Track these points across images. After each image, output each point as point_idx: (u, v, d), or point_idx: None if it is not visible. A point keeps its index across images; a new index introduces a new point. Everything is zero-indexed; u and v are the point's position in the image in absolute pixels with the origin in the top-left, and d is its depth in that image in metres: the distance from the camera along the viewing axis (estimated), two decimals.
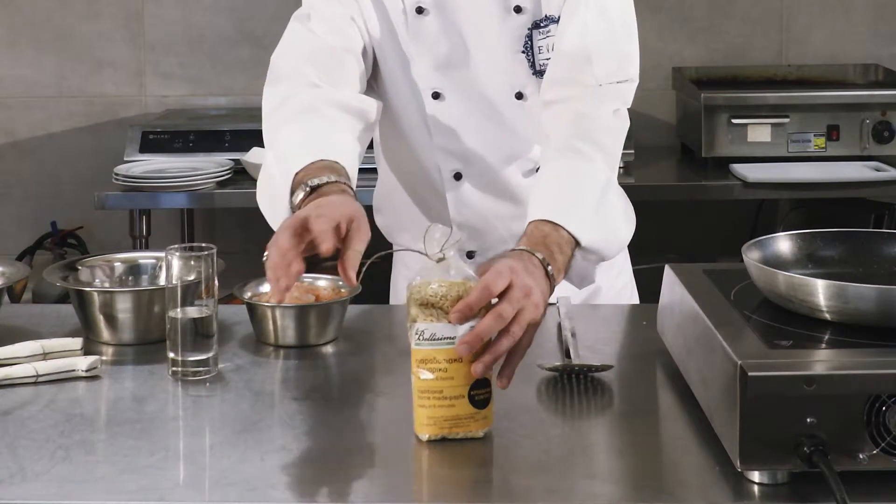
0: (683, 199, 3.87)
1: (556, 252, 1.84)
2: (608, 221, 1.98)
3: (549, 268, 1.80)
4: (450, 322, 1.60)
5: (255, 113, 4.22)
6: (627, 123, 2.13)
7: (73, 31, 4.30)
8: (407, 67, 2.17)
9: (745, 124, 3.75)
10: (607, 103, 2.09)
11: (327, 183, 1.86)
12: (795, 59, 4.32)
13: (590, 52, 2.09)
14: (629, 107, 2.14)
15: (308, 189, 1.86)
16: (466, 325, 1.60)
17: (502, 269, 1.68)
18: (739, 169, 3.68)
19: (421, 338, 1.60)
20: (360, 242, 1.73)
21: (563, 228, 1.88)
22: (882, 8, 4.33)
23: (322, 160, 1.92)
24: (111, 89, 4.33)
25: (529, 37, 2.14)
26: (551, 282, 1.79)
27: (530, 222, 1.90)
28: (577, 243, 1.90)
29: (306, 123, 2.03)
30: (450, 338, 1.59)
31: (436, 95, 2.17)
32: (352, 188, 1.90)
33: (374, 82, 2.22)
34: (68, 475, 1.53)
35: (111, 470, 1.55)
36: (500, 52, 2.15)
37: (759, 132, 3.76)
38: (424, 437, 1.62)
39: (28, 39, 4.30)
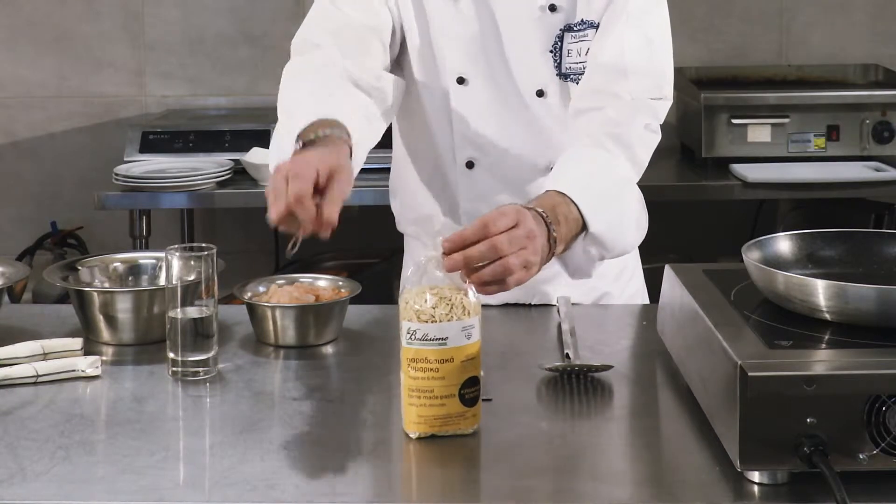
0: (683, 199, 3.87)
1: (562, 222, 1.86)
2: (620, 218, 1.99)
3: (553, 230, 1.81)
4: (444, 269, 1.63)
5: (255, 113, 4.26)
6: (658, 137, 2.13)
7: (73, 31, 4.30)
8: (434, 51, 2.17)
9: (745, 124, 3.75)
10: (640, 117, 2.10)
11: (320, 138, 1.84)
12: (795, 59, 4.32)
13: (627, 67, 2.09)
14: (661, 123, 2.14)
15: (300, 145, 1.84)
16: (458, 326, 1.60)
17: (508, 211, 1.73)
18: (739, 169, 3.68)
19: (413, 337, 1.60)
20: (337, 192, 1.72)
21: (575, 205, 1.89)
22: (882, 8, 4.33)
23: (322, 119, 1.89)
24: (111, 89, 4.33)
25: (560, 38, 2.14)
26: (551, 247, 1.81)
27: (544, 192, 1.90)
28: (585, 227, 1.90)
29: (315, 80, 2.03)
30: (441, 339, 1.59)
31: (461, 80, 2.17)
32: (348, 142, 1.86)
33: (397, 64, 2.22)
34: (68, 475, 1.53)
35: (111, 470, 1.55)
36: (529, 47, 2.15)
37: (759, 132, 3.76)
38: (414, 434, 1.63)
39: (28, 39, 4.30)
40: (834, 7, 4.32)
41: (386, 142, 2.36)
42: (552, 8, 2.13)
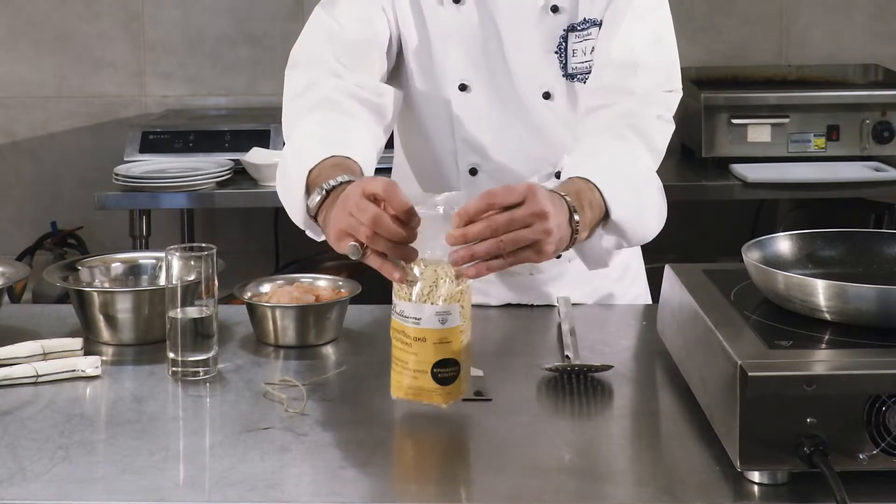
0: (683, 199, 3.87)
1: (586, 207, 1.83)
2: (642, 206, 1.97)
3: (576, 216, 1.79)
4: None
5: (255, 113, 4.26)
6: (672, 127, 2.12)
7: (73, 31, 4.30)
8: (435, 57, 2.16)
9: (745, 124, 3.75)
10: (653, 108, 2.09)
11: (341, 184, 1.84)
12: (795, 59, 4.32)
13: (637, 62, 2.09)
14: (672, 114, 2.13)
15: (324, 193, 1.84)
16: (432, 310, 1.63)
17: (518, 187, 1.69)
18: (739, 169, 3.68)
19: (394, 310, 1.68)
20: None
21: (599, 191, 1.88)
22: (882, 8, 4.33)
23: (335, 157, 1.91)
24: (111, 89, 4.33)
25: (564, 38, 2.13)
26: (574, 231, 1.78)
27: (567, 178, 1.89)
28: (607, 214, 1.90)
29: (323, 117, 2.03)
30: (416, 318, 1.65)
31: (463, 87, 2.16)
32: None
33: (396, 72, 2.21)
34: (68, 475, 1.53)
35: (111, 470, 1.55)
36: (533, 49, 2.14)
37: (759, 132, 3.76)
38: (394, 397, 1.70)
39: (28, 39, 4.30)
40: (834, 7, 4.32)
41: (388, 142, 2.36)
42: (554, 9, 2.13)
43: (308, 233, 1.98)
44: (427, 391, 1.66)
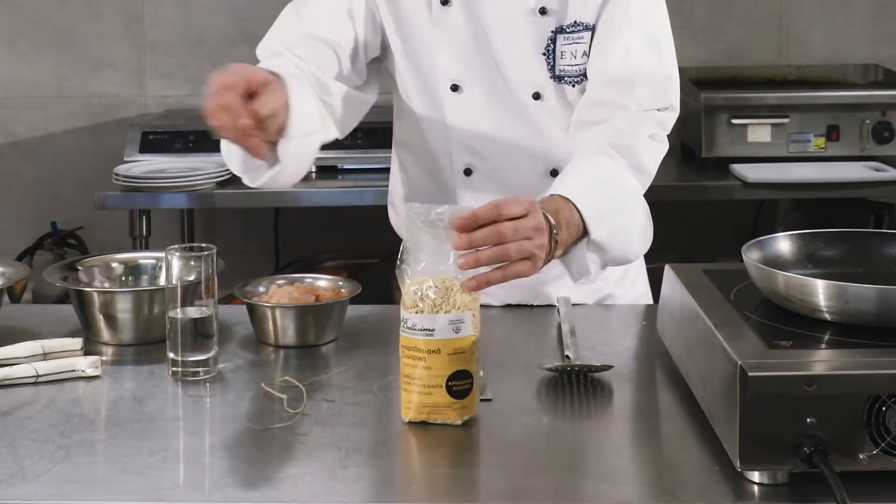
0: (683, 199, 3.87)
1: (563, 227, 1.86)
2: (624, 227, 1.98)
3: (555, 232, 1.81)
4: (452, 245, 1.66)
5: None
6: (665, 147, 2.12)
7: (73, 31, 4.30)
8: (427, 59, 2.17)
9: (745, 124, 3.75)
10: (646, 126, 2.09)
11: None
12: (795, 59, 4.31)
13: (633, 77, 2.09)
14: (668, 133, 2.13)
15: None
16: (445, 319, 1.61)
17: (522, 199, 1.74)
18: (739, 169, 3.68)
19: (404, 326, 1.65)
20: (267, 101, 1.83)
21: (578, 211, 1.89)
22: (882, 8, 4.33)
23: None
24: (111, 89, 4.33)
25: (552, 40, 2.13)
26: (551, 249, 1.81)
27: (549, 195, 1.91)
28: (587, 234, 1.90)
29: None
30: (429, 329, 1.62)
31: (454, 88, 2.16)
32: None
33: (388, 75, 2.22)
34: (68, 475, 1.53)
35: (111, 470, 1.55)
36: (522, 50, 2.14)
37: (759, 132, 3.76)
38: (406, 418, 1.66)
39: (28, 39, 4.30)
40: (834, 7, 4.32)
41: (387, 142, 2.37)
42: (542, 11, 2.12)
43: (245, 179, 2.02)
44: (441, 407, 1.64)
